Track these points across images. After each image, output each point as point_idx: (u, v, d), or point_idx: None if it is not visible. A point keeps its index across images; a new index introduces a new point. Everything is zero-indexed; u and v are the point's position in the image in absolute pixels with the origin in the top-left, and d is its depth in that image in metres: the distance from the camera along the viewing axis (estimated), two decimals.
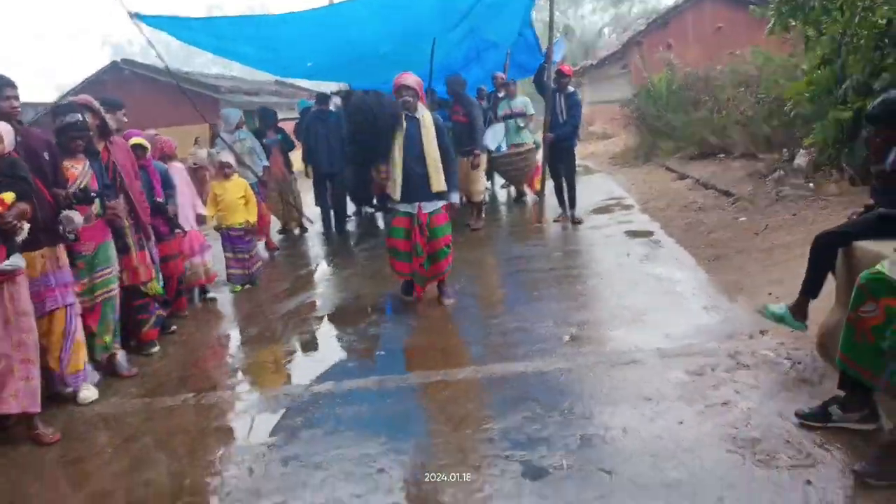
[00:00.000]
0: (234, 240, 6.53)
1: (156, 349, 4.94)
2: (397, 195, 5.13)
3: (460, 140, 8.02)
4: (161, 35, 7.02)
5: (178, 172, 6.06)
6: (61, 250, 4.02)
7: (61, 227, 3.93)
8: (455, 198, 5.37)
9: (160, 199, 5.44)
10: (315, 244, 8.88)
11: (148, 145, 5.44)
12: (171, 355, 4.92)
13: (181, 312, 5.80)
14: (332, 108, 9.42)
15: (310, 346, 4.94)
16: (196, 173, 7.06)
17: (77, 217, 3.99)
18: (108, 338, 4.45)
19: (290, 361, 4.66)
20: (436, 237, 5.18)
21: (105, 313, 4.44)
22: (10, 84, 3.95)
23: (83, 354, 4.10)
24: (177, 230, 5.66)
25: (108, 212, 4.45)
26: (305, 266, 7.73)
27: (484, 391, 3.71)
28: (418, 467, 2.94)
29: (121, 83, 16.00)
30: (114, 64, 18.06)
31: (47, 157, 3.99)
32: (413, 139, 5.06)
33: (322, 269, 7.43)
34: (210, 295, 6.41)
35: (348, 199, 9.71)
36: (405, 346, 4.66)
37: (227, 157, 6.71)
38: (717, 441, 2.84)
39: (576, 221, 7.94)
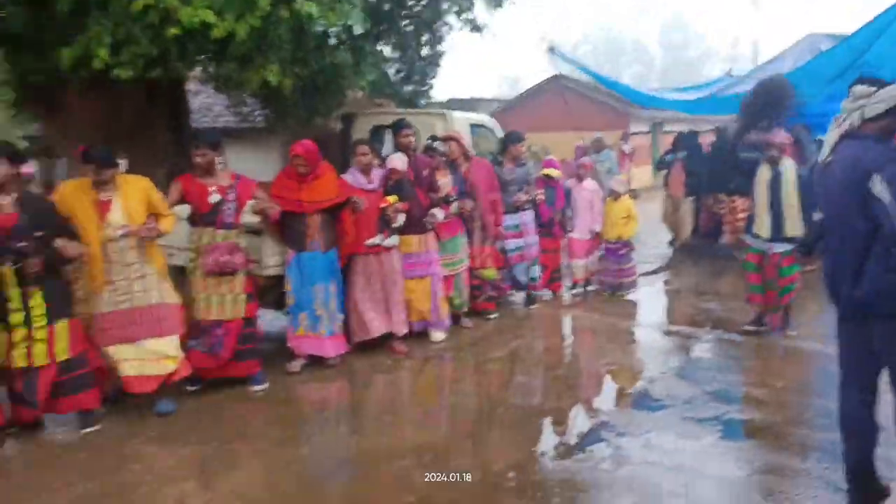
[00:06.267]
0: (609, 251, 7.46)
1: (493, 316, 6.37)
2: (764, 232, 5.60)
3: None
4: None
5: (581, 192, 7.38)
6: (432, 237, 5.64)
7: (426, 220, 5.54)
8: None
9: (558, 210, 7.10)
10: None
11: (556, 174, 7.11)
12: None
13: (557, 292, 7.28)
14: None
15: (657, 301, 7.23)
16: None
17: (439, 213, 5.60)
18: (459, 300, 6.00)
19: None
20: (784, 276, 5.65)
21: (457, 284, 5.98)
22: (408, 126, 5.69)
23: (446, 310, 5.74)
24: (566, 233, 7.32)
25: (459, 209, 5.88)
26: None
27: None
28: None
29: (557, 91, 18.61)
30: (555, 77, 19.14)
31: (426, 174, 5.69)
32: (776, 186, 5.53)
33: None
34: (574, 292, 7.52)
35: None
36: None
37: (616, 186, 7.52)
38: None
39: None
